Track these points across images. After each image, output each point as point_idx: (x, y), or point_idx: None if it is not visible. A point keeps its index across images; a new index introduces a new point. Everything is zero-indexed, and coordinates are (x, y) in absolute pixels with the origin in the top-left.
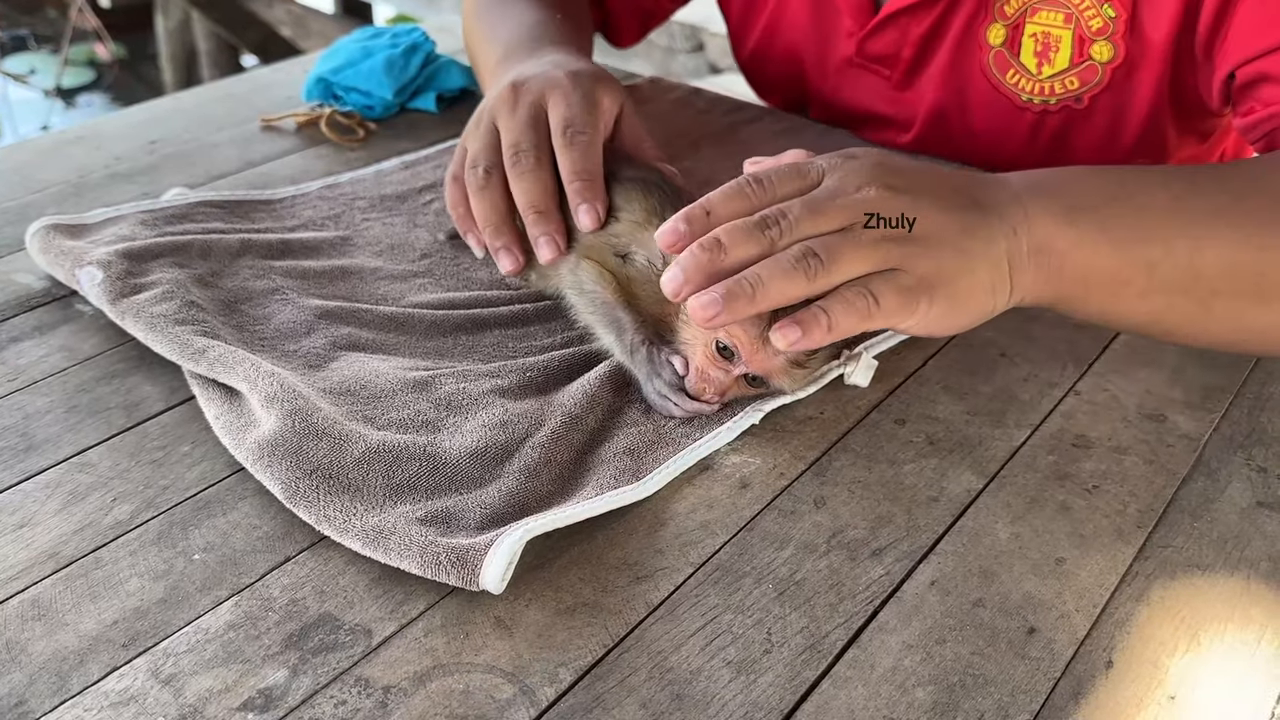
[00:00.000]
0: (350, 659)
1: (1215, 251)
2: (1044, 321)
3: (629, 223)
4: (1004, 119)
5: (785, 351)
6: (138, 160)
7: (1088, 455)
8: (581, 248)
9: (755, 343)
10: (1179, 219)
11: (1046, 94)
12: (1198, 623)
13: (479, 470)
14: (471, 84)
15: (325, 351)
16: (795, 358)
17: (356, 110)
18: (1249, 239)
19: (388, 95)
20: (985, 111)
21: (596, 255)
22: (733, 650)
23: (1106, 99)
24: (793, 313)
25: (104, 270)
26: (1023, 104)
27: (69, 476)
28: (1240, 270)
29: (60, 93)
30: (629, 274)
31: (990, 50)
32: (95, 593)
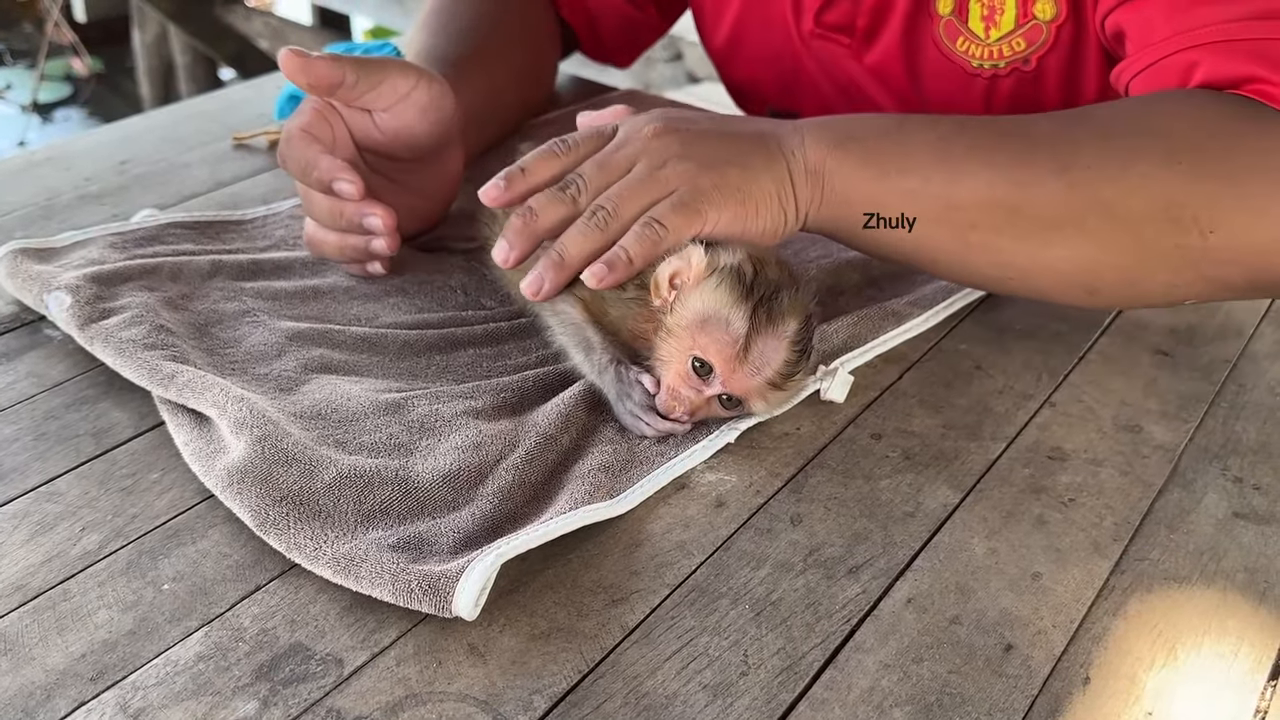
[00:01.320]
0: (321, 689)
1: (971, 185)
2: (1018, 333)
3: None
4: (957, 88)
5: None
6: (108, 181)
7: (1063, 468)
8: None
9: (733, 362)
10: (939, 153)
11: (996, 58)
12: (1175, 636)
13: (452, 494)
14: None
15: (296, 374)
16: (772, 379)
17: None
18: (1005, 176)
19: None
20: (939, 82)
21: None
22: (709, 673)
23: (1054, 60)
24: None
25: (72, 295)
26: (974, 70)
27: (36, 506)
28: (995, 205)
29: (36, 108)
30: (602, 293)
31: (940, 20)
32: (63, 625)
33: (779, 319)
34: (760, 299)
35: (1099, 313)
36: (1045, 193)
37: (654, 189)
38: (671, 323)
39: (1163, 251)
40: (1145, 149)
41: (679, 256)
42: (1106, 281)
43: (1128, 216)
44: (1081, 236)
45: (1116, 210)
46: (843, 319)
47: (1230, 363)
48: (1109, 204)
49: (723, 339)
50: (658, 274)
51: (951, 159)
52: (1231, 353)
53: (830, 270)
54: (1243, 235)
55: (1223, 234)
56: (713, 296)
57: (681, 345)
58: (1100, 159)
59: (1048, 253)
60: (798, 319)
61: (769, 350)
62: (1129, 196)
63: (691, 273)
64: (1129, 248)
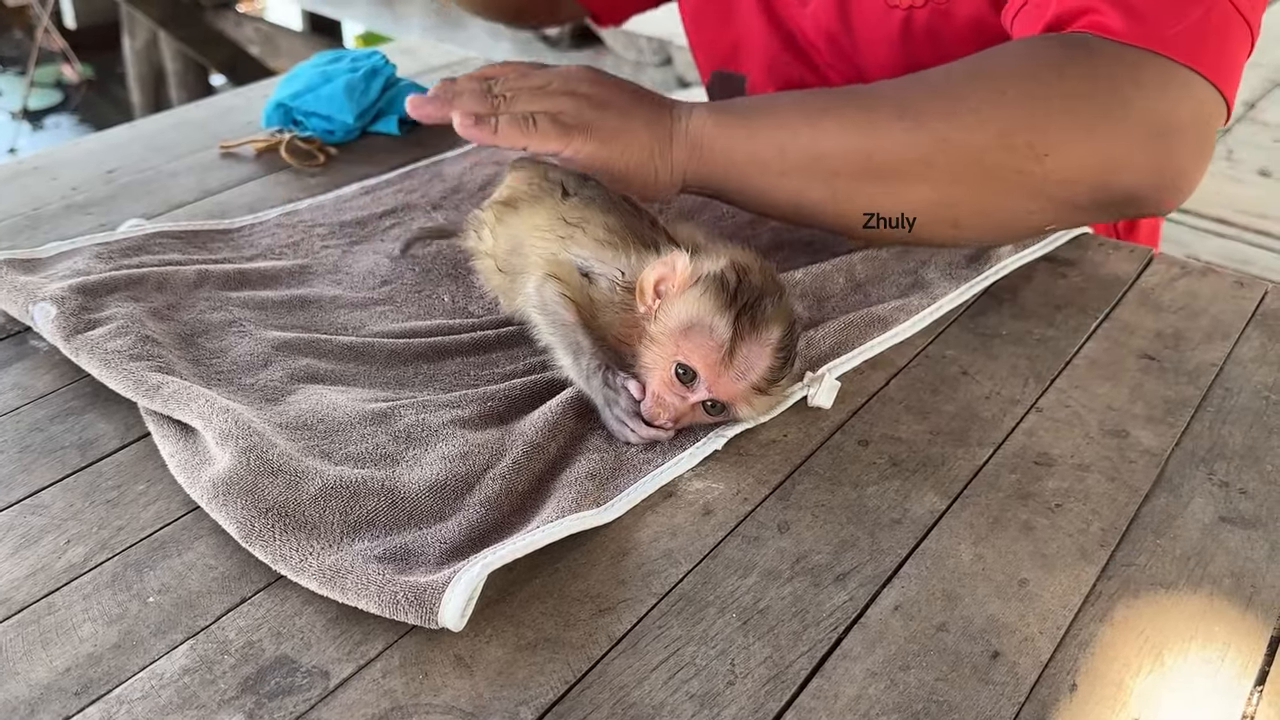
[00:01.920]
0: (307, 702)
1: (832, 136)
2: (1004, 338)
3: (592, 240)
4: (877, 20)
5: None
6: (95, 190)
7: (1050, 473)
8: (548, 264)
9: (717, 367)
10: (803, 110)
11: None
12: (1161, 642)
13: (439, 504)
14: None
15: (283, 384)
16: (757, 384)
17: (316, 135)
18: (859, 125)
19: (349, 119)
20: (864, 15)
21: (563, 273)
22: (696, 683)
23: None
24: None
25: (58, 306)
26: (892, 2)
27: (21, 519)
28: (851, 151)
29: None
30: (592, 295)
31: None
32: (47, 639)
33: (762, 325)
34: (744, 306)
35: (1086, 318)
36: (891, 137)
37: (547, 102)
38: (656, 330)
39: (1006, 179)
40: (976, 87)
41: (664, 263)
42: (964, 213)
43: (967, 149)
44: (931, 174)
45: (955, 144)
46: (829, 325)
47: (1216, 367)
48: (947, 139)
49: (707, 345)
50: (643, 280)
51: (811, 115)
52: (1217, 357)
53: (816, 276)
54: (1075, 156)
55: (1057, 156)
56: (697, 304)
57: (666, 352)
58: (934, 100)
59: (905, 193)
60: (781, 325)
61: (753, 356)
62: (965, 131)
63: (676, 280)
64: (975, 179)
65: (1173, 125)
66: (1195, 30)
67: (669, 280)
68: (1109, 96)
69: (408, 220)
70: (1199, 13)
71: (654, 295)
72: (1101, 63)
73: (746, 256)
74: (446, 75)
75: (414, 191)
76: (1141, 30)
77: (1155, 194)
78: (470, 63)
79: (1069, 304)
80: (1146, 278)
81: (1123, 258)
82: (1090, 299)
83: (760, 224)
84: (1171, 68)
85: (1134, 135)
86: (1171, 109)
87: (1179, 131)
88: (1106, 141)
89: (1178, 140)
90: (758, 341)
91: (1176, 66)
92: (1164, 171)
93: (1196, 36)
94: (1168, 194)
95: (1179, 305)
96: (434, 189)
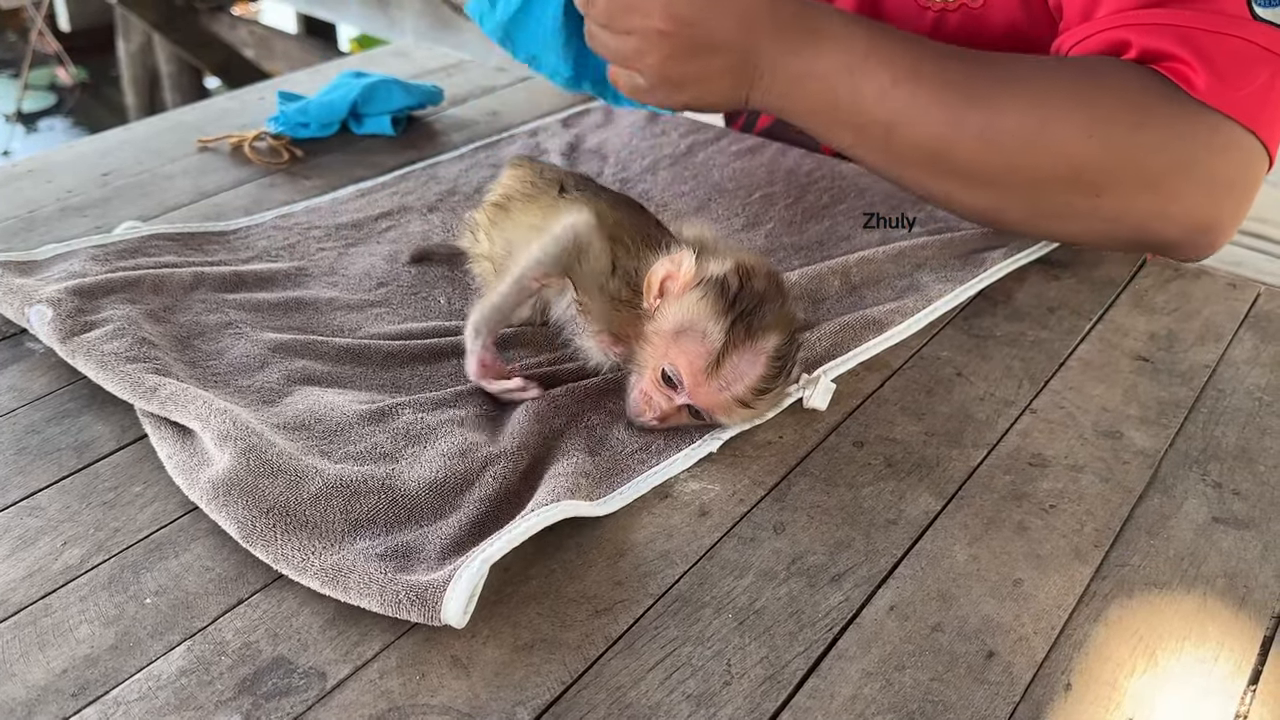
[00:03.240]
0: (304, 703)
1: (904, 135)
2: (999, 340)
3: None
4: (908, 20)
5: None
6: (90, 193)
7: (1044, 474)
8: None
9: (699, 375)
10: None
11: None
12: (1155, 641)
13: (438, 501)
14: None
15: (280, 386)
16: (741, 396)
17: (286, 133)
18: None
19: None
20: (893, 15)
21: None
22: (692, 683)
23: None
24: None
25: (54, 308)
26: (925, 3)
27: (18, 521)
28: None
29: (21, 117)
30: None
31: None
32: (44, 641)
33: (758, 334)
34: (741, 313)
35: (1080, 319)
36: (966, 150)
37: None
38: (651, 330)
39: (1058, 205)
40: (1064, 118)
41: (671, 261)
42: (1007, 221)
43: (1033, 177)
44: (991, 188)
45: (1023, 172)
46: (824, 327)
47: (1210, 368)
48: (1018, 167)
49: (695, 352)
50: (650, 275)
51: (892, 108)
52: (1211, 358)
53: (812, 278)
54: (1130, 201)
55: (1111, 197)
56: (693, 309)
57: (657, 353)
58: (1021, 124)
59: (961, 194)
60: (780, 335)
61: (743, 365)
62: (1039, 160)
63: (680, 279)
64: (1029, 200)
65: (1228, 186)
66: (1261, 94)
67: (673, 279)
68: (1181, 154)
69: (403, 223)
70: (1265, 76)
71: (658, 293)
72: (1181, 120)
73: (753, 259)
74: (441, 78)
75: (410, 194)
76: (1220, 92)
77: (1194, 245)
78: (465, 65)
79: (1062, 306)
80: (1140, 280)
81: (1116, 260)
82: (1084, 301)
83: (756, 227)
84: (1238, 132)
85: (1192, 194)
86: (1231, 171)
87: (1229, 191)
88: (1164, 196)
89: (1225, 198)
90: (751, 350)
91: (1242, 130)
92: (1210, 230)
93: (1261, 100)
94: (1204, 246)
95: (1172, 307)
96: (430, 191)
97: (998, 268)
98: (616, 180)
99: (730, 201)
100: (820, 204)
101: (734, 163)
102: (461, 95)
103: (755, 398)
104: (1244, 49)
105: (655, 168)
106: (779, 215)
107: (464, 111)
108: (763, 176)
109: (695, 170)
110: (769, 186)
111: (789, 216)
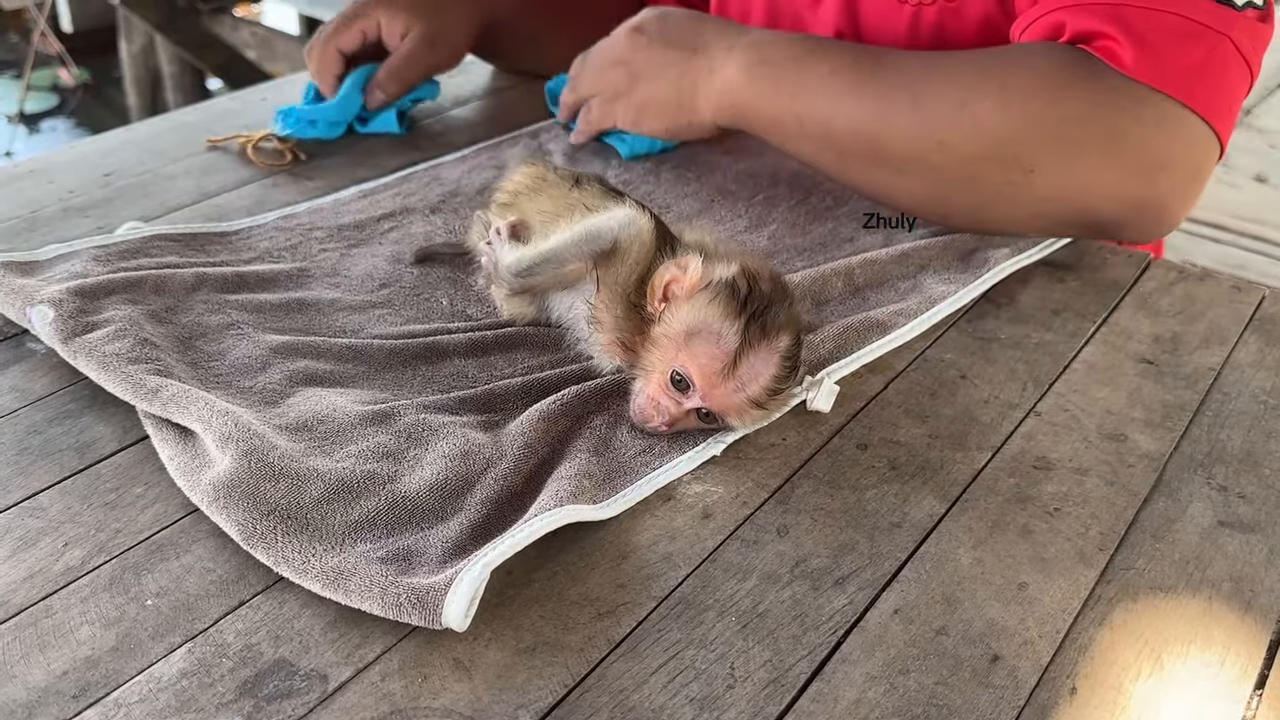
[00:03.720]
0: (306, 705)
1: (846, 118)
2: (1003, 342)
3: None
4: (887, 16)
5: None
6: (92, 193)
7: (1049, 477)
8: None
9: (715, 377)
10: (826, 88)
11: None
12: (1161, 645)
13: (440, 503)
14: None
15: (282, 387)
16: (755, 396)
17: (293, 134)
18: (873, 113)
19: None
20: (872, 13)
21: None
22: (695, 687)
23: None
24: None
25: (55, 309)
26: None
27: (19, 521)
28: (861, 136)
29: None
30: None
31: None
32: (45, 642)
33: (772, 335)
34: (752, 314)
35: (1084, 322)
36: (897, 130)
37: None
38: (659, 333)
39: (994, 187)
40: (983, 94)
41: (677, 264)
42: (954, 210)
43: (961, 154)
44: (926, 170)
45: (951, 148)
46: (828, 329)
47: (1215, 371)
48: (945, 143)
49: (710, 354)
50: (655, 278)
51: (833, 90)
52: (1216, 361)
53: (815, 280)
54: (1061, 177)
55: (1043, 174)
56: (705, 311)
57: (665, 356)
58: (943, 101)
59: (902, 181)
60: (790, 335)
61: (759, 365)
62: (963, 136)
63: (686, 283)
64: (965, 182)
65: (1163, 161)
66: (1197, 68)
67: (679, 282)
68: (1105, 127)
69: (406, 224)
70: (1203, 51)
71: (663, 297)
72: (1105, 92)
73: (757, 262)
74: (444, 79)
75: (412, 195)
76: (1149, 66)
77: (1137, 225)
78: (468, 66)
79: (1067, 308)
80: (1144, 282)
81: (1120, 262)
82: (1088, 303)
83: (760, 229)
84: (1171, 106)
85: (1122, 167)
86: (1164, 146)
87: (1168, 168)
88: (1094, 169)
89: (1164, 176)
90: (766, 350)
91: (1176, 105)
92: (1147, 205)
93: (1197, 75)
94: (1149, 226)
95: (1177, 310)
96: (432, 192)
97: (1001, 269)
98: (619, 182)
99: (733, 203)
100: (823, 206)
101: (737, 165)
102: (464, 96)
103: (769, 398)
104: (1178, 24)
105: (658, 169)
106: (782, 217)
107: (466, 113)
108: (766, 178)
109: (698, 172)
110: (772, 188)
111: (792, 218)
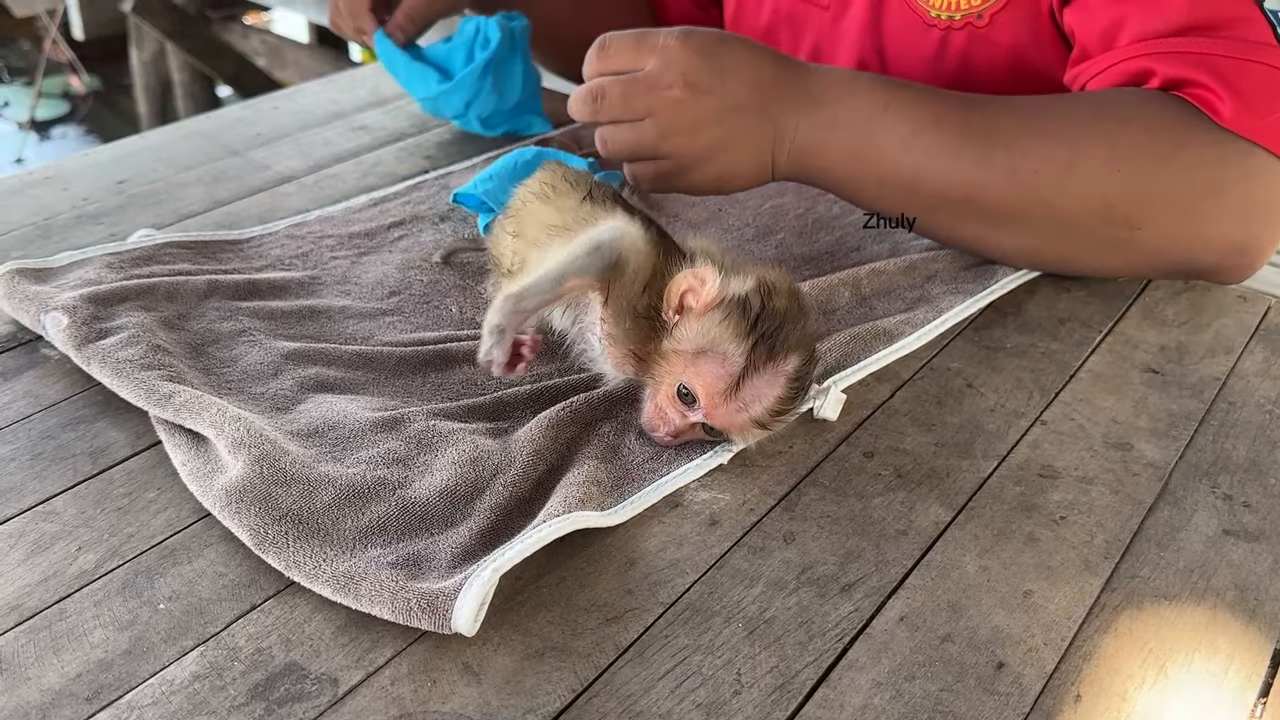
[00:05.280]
0: (316, 709)
1: (930, 181)
2: (1009, 351)
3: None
4: (914, 38)
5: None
6: (105, 201)
7: (1054, 486)
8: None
9: (718, 397)
10: (909, 152)
11: (952, 9)
12: (1165, 654)
13: (450, 509)
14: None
15: (293, 393)
16: (758, 417)
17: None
18: (967, 166)
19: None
20: (898, 33)
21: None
22: (703, 692)
23: (1006, 19)
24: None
25: (69, 315)
26: (931, 20)
27: (33, 526)
28: (951, 197)
29: (34, 125)
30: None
31: None
32: (59, 645)
33: (779, 357)
34: (762, 335)
35: (1090, 331)
36: (995, 192)
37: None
38: (669, 346)
39: (1095, 241)
40: (1090, 153)
41: (694, 275)
42: (1046, 260)
43: (1065, 214)
44: (1024, 227)
45: (1056, 209)
46: (835, 338)
47: (1220, 380)
48: (1050, 203)
49: (715, 374)
50: (671, 287)
51: (919, 158)
52: (1221, 370)
53: (823, 289)
54: (1170, 233)
55: (1149, 230)
56: (715, 330)
57: (674, 370)
58: (1048, 162)
59: (995, 235)
60: (800, 356)
61: (763, 388)
62: (1069, 198)
63: (702, 299)
64: (1065, 238)
65: (1261, 210)
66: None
67: (695, 294)
68: (1212, 183)
69: (416, 232)
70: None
71: (677, 307)
72: (1210, 148)
73: (775, 275)
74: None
75: (422, 203)
76: (1247, 119)
77: (1235, 270)
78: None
79: (1072, 318)
80: (1150, 291)
81: None
82: (1094, 313)
83: (767, 237)
84: (1266, 157)
85: (1228, 220)
86: (1264, 196)
87: (1265, 215)
88: (1202, 224)
89: (1262, 224)
90: (772, 371)
91: (1270, 157)
92: (1246, 251)
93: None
94: (1245, 270)
95: (1182, 319)
96: (442, 200)
97: (1008, 279)
98: (626, 191)
99: (741, 211)
100: (831, 215)
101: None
102: None
103: (772, 419)
104: (1269, 75)
105: None
106: (790, 225)
107: None
108: (773, 187)
109: None
110: (779, 197)
111: (799, 227)
